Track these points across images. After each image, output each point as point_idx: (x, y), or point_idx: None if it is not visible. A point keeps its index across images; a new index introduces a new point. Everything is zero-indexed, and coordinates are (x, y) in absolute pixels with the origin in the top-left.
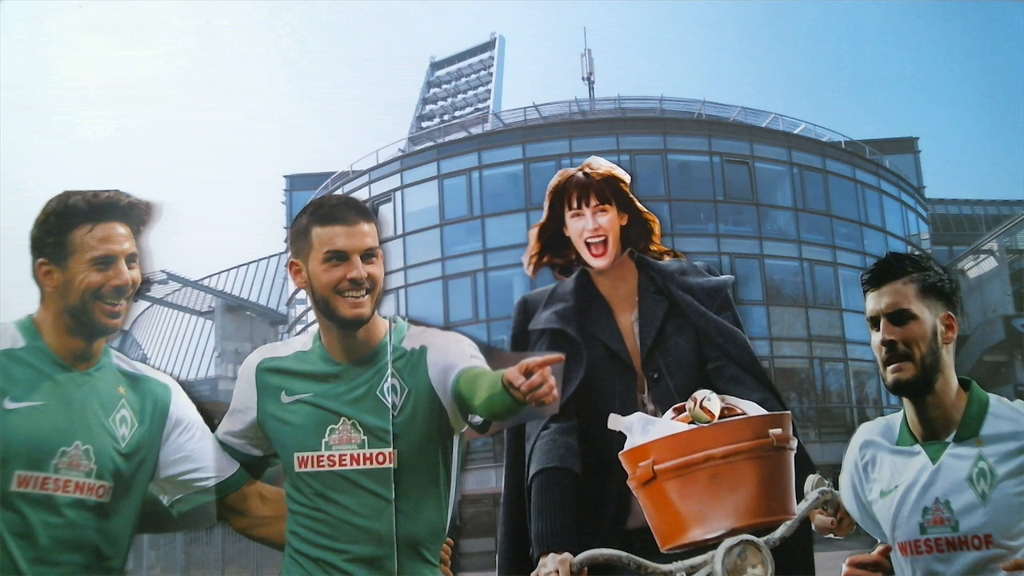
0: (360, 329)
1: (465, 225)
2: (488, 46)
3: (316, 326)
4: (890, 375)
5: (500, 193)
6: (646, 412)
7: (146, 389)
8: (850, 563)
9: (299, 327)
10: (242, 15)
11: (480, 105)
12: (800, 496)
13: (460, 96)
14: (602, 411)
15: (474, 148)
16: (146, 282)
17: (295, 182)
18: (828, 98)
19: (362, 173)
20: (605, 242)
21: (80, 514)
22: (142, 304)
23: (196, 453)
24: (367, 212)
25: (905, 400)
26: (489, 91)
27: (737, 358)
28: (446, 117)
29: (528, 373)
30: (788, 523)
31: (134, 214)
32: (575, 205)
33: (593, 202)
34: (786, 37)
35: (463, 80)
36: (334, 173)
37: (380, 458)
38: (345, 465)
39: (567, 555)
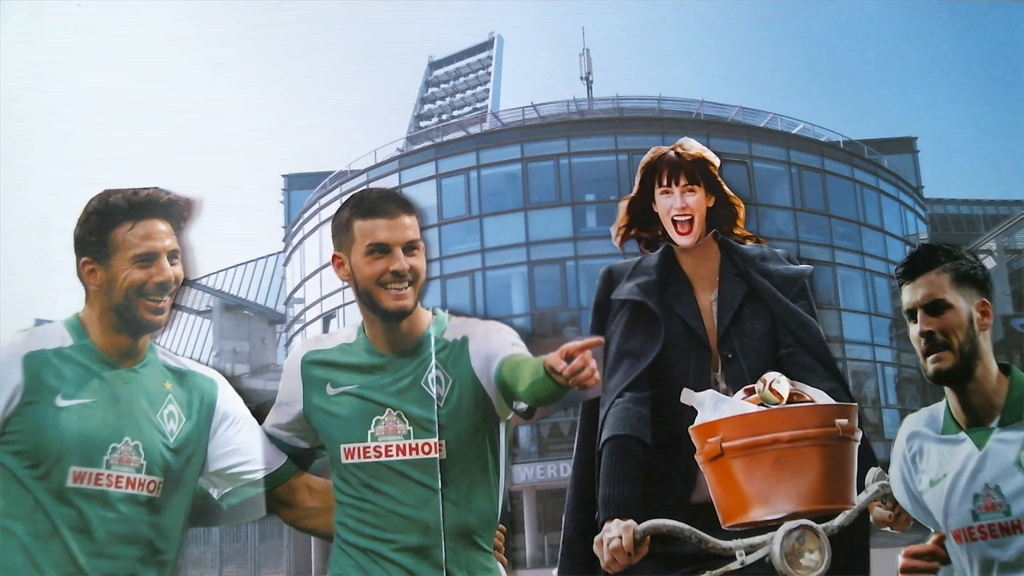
0: (403, 321)
1: (463, 224)
2: (486, 46)
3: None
4: (930, 365)
5: (498, 192)
6: (718, 390)
7: (192, 384)
8: (906, 554)
9: (297, 326)
10: (240, 15)
11: (478, 105)
12: (861, 487)
13: (458, 96)
14: (676, 385)
15: (472, 147)
16: (188, 278)
17: (293, 181)
18: (827, 98)
19: (360, 172)
20: (691, 221)
21: (133, 509)
22: None
23: (244, 446)
24: (408, 205)
25: (947, 389)
26: (487, 91)
27: (810, 347)
28: (444, 117)
29: (569, 358)
30: (847, 512)
31: (174, 210)
32: (665, 183)
33: (682, 181)
34: (784, 37)
35: (461, 80)
36: (332, 172)
37: (426, 448)
38: (391, 456)
39: (631, 522)
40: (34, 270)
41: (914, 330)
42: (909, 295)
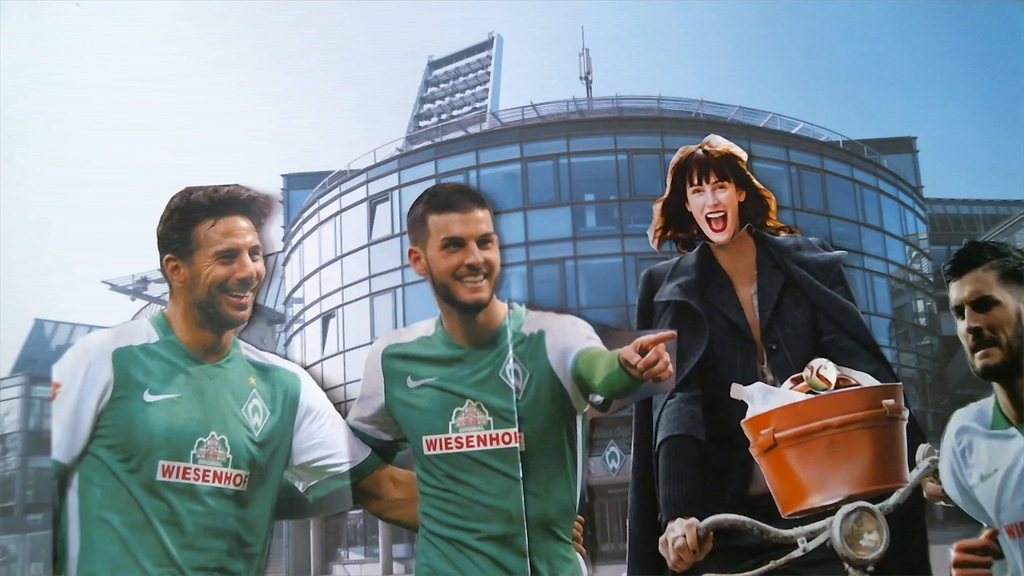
0: (480, 313)
1: None
2: (486, 45)
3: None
4: (978, 361)
5: (498, 192)
6: (766, 382)
7: (276, 378)
8: (959, 548)
9: (296, 326)
10: (240, 15)
11: (478, 104)
12: (912, 465)
13: (458, 95)
14: (724, 381)
15: (472, 147)
16: (268, 274)
17: (292, 181)
18: (826, 98)
19: (360, 172)
20: (724, 217)
21: (220, 502)
22: (140, 303)
23: (328, 440)
24: (481, 199)
25: (995, 384)
26: (487, 90)
27: (850, 331)
28: (444, 116)
29: (643, 351)
30: (901, 491)
31: (255, 207)
32: (696, 181)
33: (712, 178)
34: (784, 36)
35: (461, 79)
36: (332, 172)
37: (506, 438)
38: (472, 446)
39: (694, 520)
40: (33, 270)
41: (961, 326)
42: (956, 292)
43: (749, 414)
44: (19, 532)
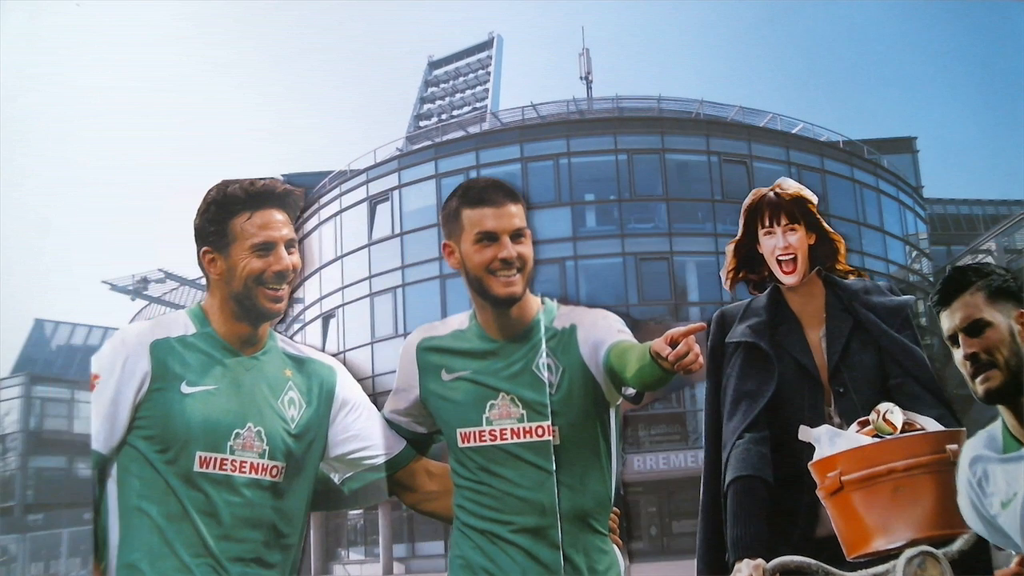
0: (513, 307)
1: None
2: (486, 45)
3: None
4: (980, 386)
5: None
6: (832, 425)
7: (312, 371)
8: None
9: (296, 326)
10: (240, 15)
11: (478, 104)
12: None
13: (458, 95)
14: (792, 423)
15: (472, 147)
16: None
17: (292, 181)
18: (826, 98)
19: (360, 172)
20: (795, 260)
21: (257, 493)
22: (140, 303)
23: (364, 432)
24: (514, 194)
25: (1001, 408)
26: (487, 90)
27: (917, 376)
28: (444, 116)
29: (674, 343)
30: (965, 536)
31: (290, 200)
32: (767, 223)
33: (783, 221)
34: (784, 36)
35: (461, 79)
36: (332, 172)
37: (539, 431)
38: (506, 439)
39: (760, 561)
40: (33, 269)
41: (958, 355)
42: (948, 321)
43: (816, 456)
44: (19, 532)
